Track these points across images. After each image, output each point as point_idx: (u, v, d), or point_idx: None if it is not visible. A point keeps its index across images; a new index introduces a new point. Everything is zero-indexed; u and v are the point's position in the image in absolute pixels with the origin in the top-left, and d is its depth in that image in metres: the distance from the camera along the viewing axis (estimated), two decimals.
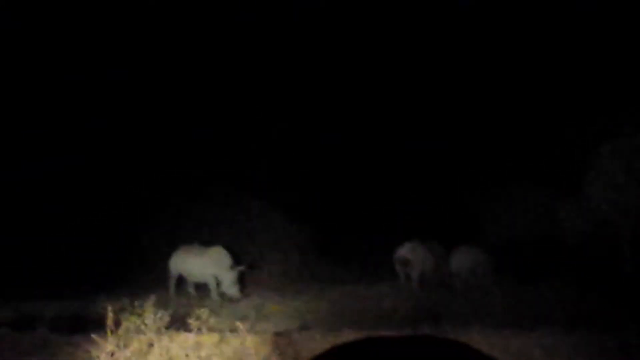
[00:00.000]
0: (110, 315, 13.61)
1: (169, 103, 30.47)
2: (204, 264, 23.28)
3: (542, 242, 26.91)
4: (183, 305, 19.35)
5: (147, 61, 30.85)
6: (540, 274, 24.52)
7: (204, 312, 14.11)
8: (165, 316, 14.44)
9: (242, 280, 23.41)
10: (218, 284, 23.14)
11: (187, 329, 14.20)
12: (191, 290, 23.68)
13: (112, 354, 12.64)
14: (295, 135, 31.11)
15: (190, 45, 31.74)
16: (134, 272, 25.48)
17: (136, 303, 14.99)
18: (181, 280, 23.99)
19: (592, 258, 24.72)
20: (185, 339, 13.84)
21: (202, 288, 23.64)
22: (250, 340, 12.54)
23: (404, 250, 24.60)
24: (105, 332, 13.37)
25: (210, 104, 31.01)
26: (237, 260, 23.50)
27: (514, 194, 28.46)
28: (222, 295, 22.85)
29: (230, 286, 22.91)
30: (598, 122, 26.06)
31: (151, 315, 14.40)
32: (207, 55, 31.97)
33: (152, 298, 15.20)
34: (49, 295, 21.09)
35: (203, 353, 13.12)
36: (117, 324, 13.65)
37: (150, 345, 13.33)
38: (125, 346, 13.04)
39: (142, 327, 13.88)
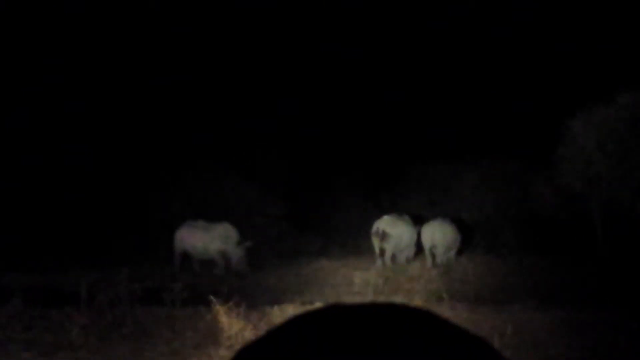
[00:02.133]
0: (84, 288, 13.62)
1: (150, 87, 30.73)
2: (210, 240, 23.35)
3: (513, 216, 27.06)
4: (157, 279, 19.34)
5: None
6: (512, 248, 24.71)
7: (177, 286, 14.12)
8: (138, 289, 14.46)
9: (248, 256, 23.51)
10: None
11: (160, 302, 14.22)
12: (195, 266, 23.75)
13: (86, 327, 12.62)
14: (269, 110, 31.12)
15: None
16: (108, 245, 25.42)
17: (110, 276, 15.02)
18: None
19: (564, 232, 24.94)
20: (158, 313, 13.86)
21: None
22: (223, 314, 12.55)
23: (383, 224, 24.56)
24: (79, 305, 13.37)
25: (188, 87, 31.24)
26: (242, 235, 23.60)
27: (484, 168, 28.46)
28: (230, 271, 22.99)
29: (239, 262, 23.03)
30: (569, 96, 26.21)
31: (125, 289, 14.42)
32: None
33: (126, 271, 15.21)
34: (23, 267, 21.04)
35: (176, 327, 13.14)
36: (91, 296, 13.65)
37: (124, 318, 13.34)
38: (99, 319, 13.04)
39: (116, 300, 13.89)
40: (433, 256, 24.27)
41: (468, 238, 25.49)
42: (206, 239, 23.38)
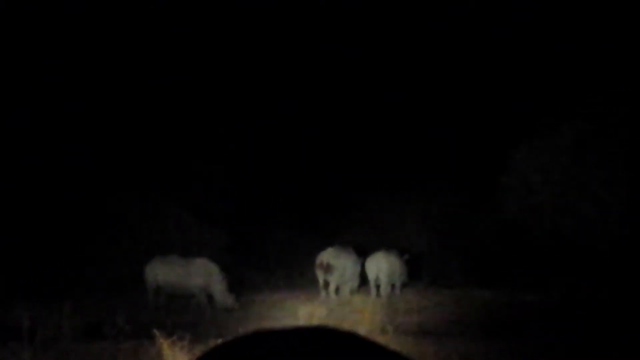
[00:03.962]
0: (26, 323, 13.45)
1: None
2: (191, 276, 22.75)
3: (458, 247, 27.21)
4: (99, 312, 19.12)
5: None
6: (457, 280, 24.88)
7: (120, 320, 14.02)
8: (81, 323, 14.33)
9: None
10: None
11: (104, 336, 14.09)
12: (160, 301, 22.89)
13: None
14: (212, 138, 30.99)
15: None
16: (51, 278, 25.04)
17: (53, 309, 14.84)
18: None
19: (508, 262, 25.08)
20: (102, 347, 13.74)
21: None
22: (167, 348, 12.48)
23: (327, 256, 24.43)
24: (23, 340, 13.20)
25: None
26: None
27: (429, 199, 28.60)
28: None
29: (225, 296, 22.59)
30: (512, 126, 26.42)
31: (68, 323, 14.28)
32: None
33: (69, 304, 15.05)
34: None
35: None
36: (34, 331, 13.49)
37: (68, 353, 13.21)
38: (43, 355, 12.88)
39: (59, 335, 13.75)
40: (377, 288, 24.32)
41: (413, 270, 25.55)
42: (184, 275, 22.79)
